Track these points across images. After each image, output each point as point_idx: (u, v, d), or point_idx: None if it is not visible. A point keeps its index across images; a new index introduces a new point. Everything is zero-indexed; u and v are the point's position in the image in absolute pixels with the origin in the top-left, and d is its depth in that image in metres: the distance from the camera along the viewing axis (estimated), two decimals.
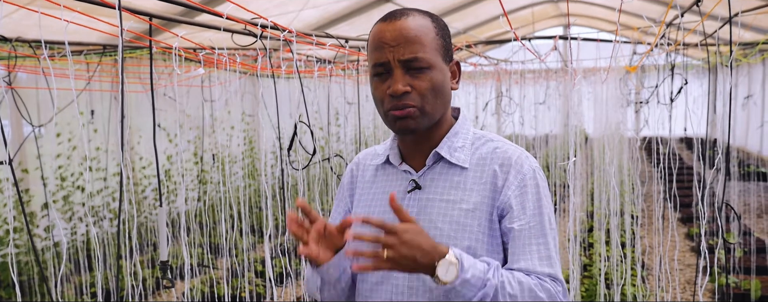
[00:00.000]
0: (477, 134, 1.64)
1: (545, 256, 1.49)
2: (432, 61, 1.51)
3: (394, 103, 1.50)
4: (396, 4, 6.46)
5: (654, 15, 7.23)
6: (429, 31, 1.53)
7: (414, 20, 1.53)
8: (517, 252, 1.50)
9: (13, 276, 1.66)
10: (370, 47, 1.56)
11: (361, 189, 1.72)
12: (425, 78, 1.50)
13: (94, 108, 5.71)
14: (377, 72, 1.54)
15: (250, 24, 2.53)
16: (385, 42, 1.51)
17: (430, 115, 1.53)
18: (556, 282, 1.49)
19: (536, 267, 1.48)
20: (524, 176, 1.53)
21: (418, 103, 1.51)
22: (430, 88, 1.51)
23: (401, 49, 1.49)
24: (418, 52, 1.49)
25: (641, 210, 6.70)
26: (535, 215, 1.51)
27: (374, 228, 1.38)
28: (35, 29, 4.33)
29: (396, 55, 1.49)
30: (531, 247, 1.49)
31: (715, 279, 4.88)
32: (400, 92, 1.49)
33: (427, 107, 1.52)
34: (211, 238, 5.92)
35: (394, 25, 1.52)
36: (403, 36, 1.50)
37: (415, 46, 1.49)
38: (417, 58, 1.49)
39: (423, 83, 1.50)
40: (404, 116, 1.51)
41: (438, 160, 1.60)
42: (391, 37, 1.51)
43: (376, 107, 1.60)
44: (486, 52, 10.37)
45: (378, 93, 1.54)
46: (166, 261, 2.46)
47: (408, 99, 1.50)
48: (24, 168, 5.40)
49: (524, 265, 1.48)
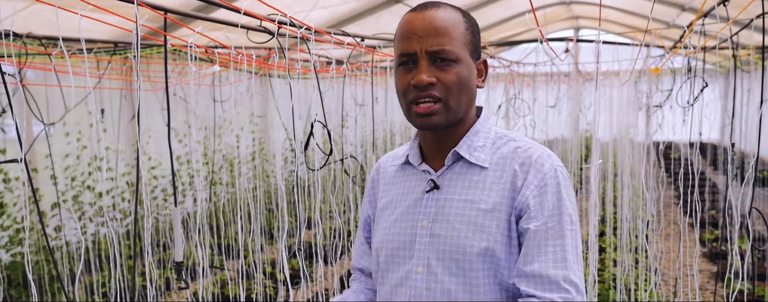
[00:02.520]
0: (499, 133, 1.60)
1: (561, 258, 1.43)
2: (459, 54, 1.48)
3: (418, 93, 1.47)
4: (406, 5, 6.42)
5: (663, 17, 7.17)
6: (459, 24, 1.51)
7: (445, 12, 1.50)
8: (531, 252, 1.45)
9: (29, 274, 1.61)
10: (398, 37, 1.53)
11: (383, 192, 1.70)
12: (452, 71, 1.48)
13: (103, 107, 5.68)
14: (402, 62, 1.51)
15: (268, 20, 2.49)
16: (413, 32, 1.48)
17: (453, 110, 1.50)
18: (570, 285, 1.42)
19: (550, 269, 1.42)
20: (545, 175, 1.49)
21: (443, 96, 1.48)
22: (455, 81, 1.48)
23: (429, 40, 1.46)
24: (446, 45, 1.47)
25: (652, 215, 6.65)
26: (553, 215, 1.46)
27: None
28: (44, 27, 4.30)
29: (423, 46, 1.46)
30: (547, 248, 1.44)
31: (731, 284, 4.82)
32: (424, 83, 1.46)
33: (451, 101, 1.48)
34: (221, 239, 5.89)
35: (424, 15, 1.49)
36: (433, 26, 1.47)
37: (443, 38, 1.47)
38: (444, 50, 1.46)
39: (449, 75, 1.47)
40: (427, 113, 1.48)
41: (457, 159, 1.57)
42: (420, 26, 1.48)
43: (398, 100, 1.57)
44: (497, 54, 10.33)
45: (402, 84, 1.51)
46: (180, 261, 2.41)
47: (432, 90, 1.47)
48: (34, 167, 5.37)
49: (538, 267, 1.43)
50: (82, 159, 5.89)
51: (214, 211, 6.49)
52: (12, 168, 5.17)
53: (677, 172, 8.43)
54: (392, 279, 1.57)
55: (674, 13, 6.73)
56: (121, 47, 4.67)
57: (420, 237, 1.53)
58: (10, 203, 5.25)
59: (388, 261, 1.59)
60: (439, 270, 1.49)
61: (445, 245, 1.49)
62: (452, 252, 1.48)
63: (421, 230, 1.54)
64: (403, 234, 1.57)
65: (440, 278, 1.48)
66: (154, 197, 6.87)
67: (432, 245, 1.51)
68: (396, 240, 1.58)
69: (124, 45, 4.64)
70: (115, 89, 5.98)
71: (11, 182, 5.22)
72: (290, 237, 7.07)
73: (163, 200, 6.94)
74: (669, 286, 5.63)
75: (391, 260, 1.59)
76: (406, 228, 1.57)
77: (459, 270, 1.48)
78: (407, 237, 1.56)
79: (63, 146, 5.62)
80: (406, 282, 1.54)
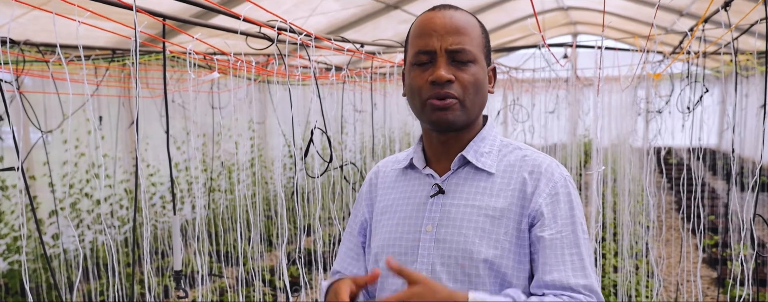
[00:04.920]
0: (504, 141, 1.60)
1: (579, 267, 1.43)
2: (477, 56, 1.49)
3: (436, 91, 1.46)
4: (404, 11, 6.42)
5: (661, 23, 7.18)
6: (475, 27, 1.52)
7: (463, 14, 1.52)
8: (550, 262, 1.43)
9: (26, 283, 1.59)
10: (415, 34, 1.53)
11: (382, 195, 1.67)
12: (469, 71, 1.47)
13: (101, 114, 5.67)
14: (419, 61, 1.50)
15: (267, 26, 2.47)
16: (434, 29, 1.48)
17: (468, 110, 1.49)
18: (591, 293, 1.42)
19: (570, 278, 1.41)
20: (556, 184, 1.48)
21: (460, 95, 1.47)
22: (472, 82, 1.48)
23: (450, 38, 1.46)
24: (466, 44, 1.47)
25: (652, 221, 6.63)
26: (567, 224, 1.46)
27: (395, 273, 1.34)
28: (42, 34, 4.29)
29: (443, 44, 1.46)
30: (564, 257, 1.43)
31: (728, 290, 4.81)
32: (444, 79, 1.45)
33: (467, 101, 1.48)
34: (220, 246, 5.87)
35: (445, 13, 1.49)
36: (454, 25, 1.47)
37: (463, 38, 1.47)
38: (464, 49, 1.46)
39: (466, 75, 1.47)
40: (445, 107, 1.46)
41: (464, 164, 1.55)
42: (440, 23, 1.48)
43: (410, 100, 1.55)
44: (496, 60, 10.33)
45: (417, 81, 1.50)
46: (179, 270, 2.39)
47: (450, 88, 1.46)
48: (31, 175, 5.35)
49: (557, 276, 1.42)
50: (80, 167, 5.87)
51: (213, 218, 6.46)
52: (9, 176, 5.15)
53: (677, 177, 8.41)
54: (393, 285, 1.54)
55: (672, 18, 6.73)
56: (119, 54, 4.65)
57: (423, 242, 1.51)
58: (7, 211, 5.23)
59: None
60: (444, 275, 1.47)
61: (451, 250, 1.47)
62: (458, 258, 1.46)
63: (425, 234, 1.51)
64: (406, 238, 1.54)
65: (444, 284, 1.46)
66: (153, 204, 6.85)
67: (437, 250, 1.49)
68: (397, 245, 1.55)
69: (122, 52, 4.63)
70: (113, 96, 5.97)
71: (8, 189, 5.20)
72: (289, 243, 7.04)
73: (161, 207, 6.91)
74: (669, 292, 5.61)
75: None
76: (409, 232, 1.54)
77: (465, 276, 1.46)
78: (410, 242, 1.53)
79: (61, 154, 5.60)
80: (404, 289, 1.52)
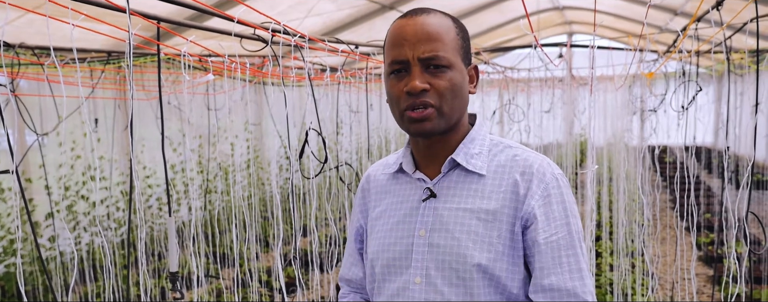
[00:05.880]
0: (494, 140, 1.58)
1: (576, 269, 1.44)
2: (452, 60, 1.46)
3: (412, 101, 1.45)
4: (399, 12, 6.43)
5: (656, 21, 7.20)
6: (449, 30, 1.48)
7: (435, 18, 1.48)
8: (547, 265, 1.43)
9: (21, 286, 1.59)
10: (389, 44, 1.51)
11: (374, 202, 1.66)
12: (445, 77, 1.45)
13: (97, 117, 5.66)
14: (394, 70, 1.48)
15: (262, 28, 2.48)
16: (405, 38, 1.46)
17: (447, 116, 1.47)
18: (588, 296, 1.43)
19: (567, 281, 1.42)
20: (548, 185, 1.47)
21: (436, 102, 1.45)
22: (449, 87, 1.45)
23: (421, 46, 1.44)
24: (439, 51, 1.44)
25: (647, 219, 6.65)
26: (562, 225, 1.45)
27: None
28: (36, 37, 4.29)
29: (415, 53, 1.44)
30: (560, 260, 1.43)
31: (727, 288, 4.82)
32: (418, 89, 1.43)
33: (444, 107, 1.46)
34: (216, 247, 5.87)
35: (415, 20, 1.47)
36: (425, 32, 1.45)
37: (435, 44, 1.44)
38: (437, 56, 1.44)
39: (442, 81, 1.45)
40: (421, 119, 1.45)
41: (454, 167, 1.54)
42: (411, 32, 1.45)
43: (390, 108, 1.54)
44: (491, 60, 10.36)
45: (394, 91, 1.48)
46: (175, 272, 2.39)
47: (426, 97, 1.44)
48: (27, 178, 5.35)
49: (555, 280, 1.42)
50: (76, 169, 5.86)
51: (209, 219, 6.46)
52: (5, 179, 5.15)
53: (672, 176, 8.43)
54: (389, 290, 1.55)
55: (667, 17, 6.76)
56: (114, 57, 4.65)
57: (417, 247, 1.50)
58: (3, 213, 5.22)
59: (384, 272, 1.56)
60: (439, 280, 1.47)
61: (445, 255, 1.47)
62: (452, 262, 1.46)
63: (419, 239, 1.51)
64: (399, 243, 1.54)
65: (440, 288, 1.46)
66: (149, 206, 6.84)
67: (430, 255, 1.48)
68: (392, 250, 1.54)
69: (117, 54, 4.63)
70: (108, 98, 5.96)
71: (4, 192, 5.19)
72: (286, 244, 7.04)
73: (157, 209, 6.91)
74: (665, 290, 5.63)
75: (387, 270, 1.55)
76: (402, 238, 1.53)
77: (459, 280, 1.45)
78: (404, 247, 1.53)
79: (57, 156, 5.60)
80: (403, 292, 1.51)
